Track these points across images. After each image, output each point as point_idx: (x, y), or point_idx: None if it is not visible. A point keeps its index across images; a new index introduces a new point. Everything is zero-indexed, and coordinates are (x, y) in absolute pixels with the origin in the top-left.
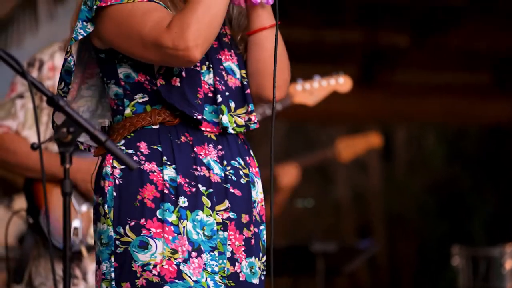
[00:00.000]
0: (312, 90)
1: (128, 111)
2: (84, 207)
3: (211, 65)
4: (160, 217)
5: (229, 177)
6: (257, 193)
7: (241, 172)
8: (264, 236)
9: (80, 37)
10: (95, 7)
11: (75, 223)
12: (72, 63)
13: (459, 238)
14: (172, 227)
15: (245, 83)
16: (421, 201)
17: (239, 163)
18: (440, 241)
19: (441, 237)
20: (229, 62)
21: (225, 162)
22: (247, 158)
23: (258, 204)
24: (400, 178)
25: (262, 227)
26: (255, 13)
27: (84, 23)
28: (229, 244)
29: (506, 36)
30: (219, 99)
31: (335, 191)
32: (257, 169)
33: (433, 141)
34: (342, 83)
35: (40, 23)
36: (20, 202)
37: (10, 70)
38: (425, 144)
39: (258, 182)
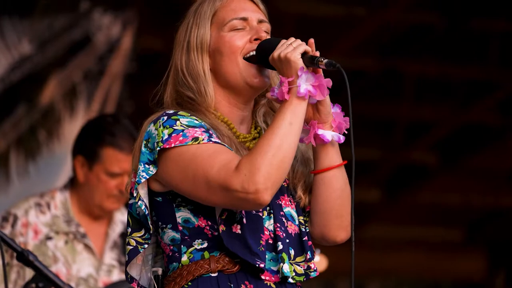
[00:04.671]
0: None
1: (185, 258)
2: None
3: (271, 211)
4: None
5: None
6: None
7: None
8: None
9: (143, 180)
10: (158, 149)
11: None
12: (143, 207)
13: None
14: None
15: (303, 229)
16: None
17: None
18: None
19: None
20: (289, 208)
21: None
22: None
23: None
24: None
25: None
26: (324, 152)
27: (146, 166)
28: None
29: (477, 193)
30: (280, 246)
31: None
32: None
33: None
34: (317, 261)
35: (11, 181)
36: None
37: None
38: None
39: None
